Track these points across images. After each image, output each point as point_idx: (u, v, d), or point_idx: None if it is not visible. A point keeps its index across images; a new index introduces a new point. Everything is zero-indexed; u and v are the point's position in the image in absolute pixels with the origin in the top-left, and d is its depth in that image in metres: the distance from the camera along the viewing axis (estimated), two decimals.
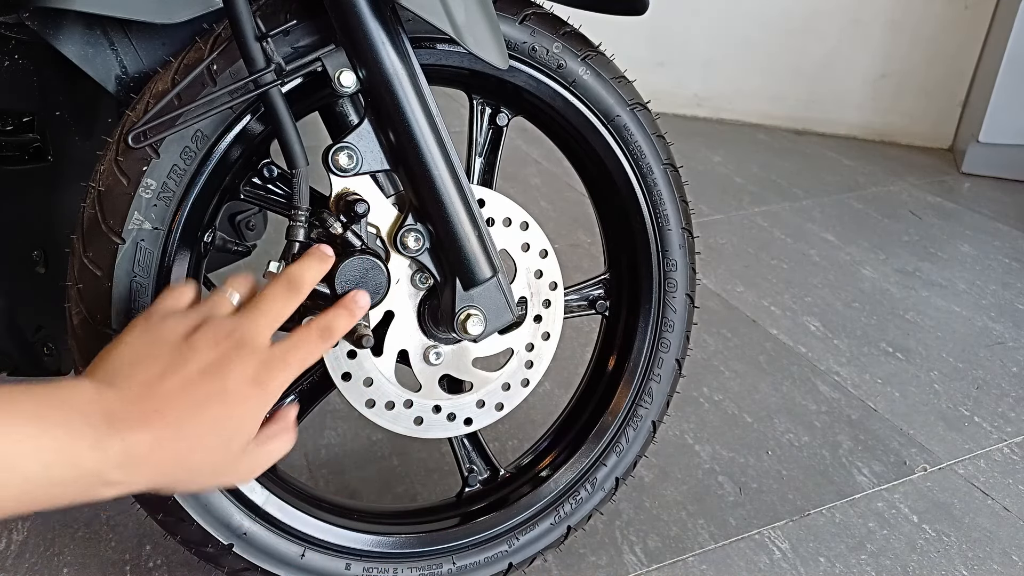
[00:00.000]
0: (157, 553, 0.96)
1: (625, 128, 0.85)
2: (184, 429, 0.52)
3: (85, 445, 0.47)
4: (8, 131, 0.84)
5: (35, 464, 0.45)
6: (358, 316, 0.63)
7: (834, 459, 1.20)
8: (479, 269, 0.73)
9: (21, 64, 0.80)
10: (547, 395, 1.28)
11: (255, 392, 0.54)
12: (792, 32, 2.58)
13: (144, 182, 0.68)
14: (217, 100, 0.67)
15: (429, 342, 0.78)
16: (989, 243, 1.96)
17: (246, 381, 0.54)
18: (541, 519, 0.89)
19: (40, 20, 0.70)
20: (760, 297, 1.65)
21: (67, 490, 0.48)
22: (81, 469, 0.47)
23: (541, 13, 0.80)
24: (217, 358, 0.54)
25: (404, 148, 0.69)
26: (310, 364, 0.59)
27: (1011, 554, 1.05)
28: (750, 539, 1.05)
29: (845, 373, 1.41)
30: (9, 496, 0.45)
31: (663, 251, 0.90)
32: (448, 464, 1.13)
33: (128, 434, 0.49)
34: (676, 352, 0.93)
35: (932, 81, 2.55)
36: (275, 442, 0.58)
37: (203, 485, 0.56)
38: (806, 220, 2.03)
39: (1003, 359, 1.48)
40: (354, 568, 0.81)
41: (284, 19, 0.68)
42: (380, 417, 0.79)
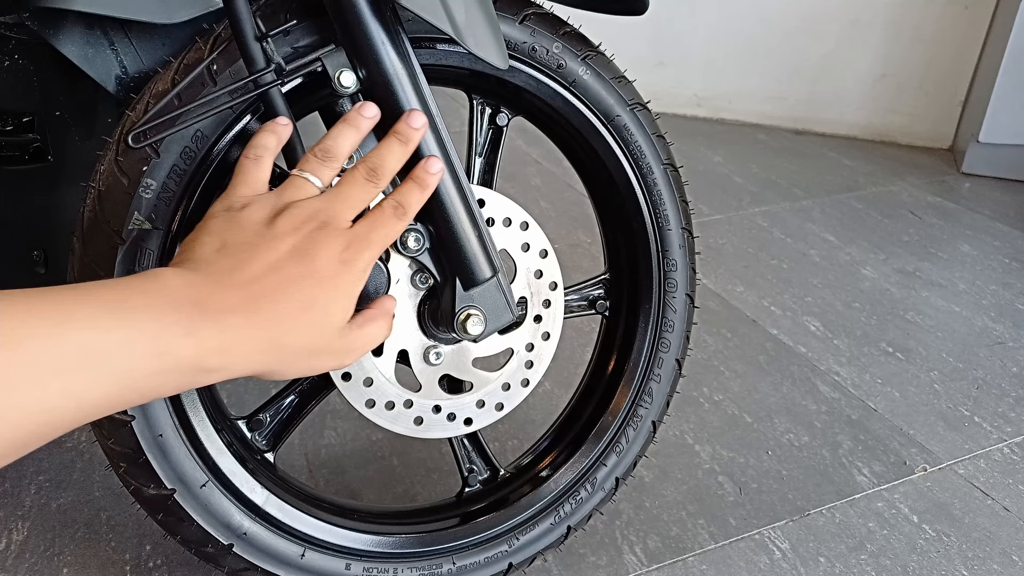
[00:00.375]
0: (157, 553, 0.96)
1: (625, 128, 0.85)
2: (277, 310, 0.52)
3: (178, 332, 0.46)
4: (8, 131, 0.84)
5: (127, 355, 0.44)
6: (430, 188, 0.62)
7: (834, 459, 1.20)
8: (479, 269, 0.73)
9: (21, 64, 0.81)
10: (547, 395, 1.28)
11: (344, 270, 0.55)
12: (792, 32, 2.58)
13: (144, 182, 0.68)
14: (217, 100, 0.67)
15: (429, 342, 0.78)
16: (989, 243, 1.96)
17: (334, 260, 0.54)
18: (541, 519, 0.89)
19: (40, 20, 0.70)
20: (760, 297, 1.65)
21: (167, 379, 0.47)
22: (176, 357, 0.46)
23: (541, 13, 0.80)
24: (303, 239, 0.54)
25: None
26: (391, 241, 0.59)
27: (1011, 554, 1.05)
28: (750, 539, 1.05)
29: (845, 373, 1.41)
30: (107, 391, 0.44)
31: (663, 251, 0.90)
32: (448, 464, 1.13)
33: (221, 318, 0.49)
34: (676, 352, 0.93)
35: (932, 81, 2.55)
36: (372, 325, 0.59)
37: (302, 368, 0.55)
38: (806, 220, 2.03)
39: (1003, 359, 1.48)
40: (354, 568, 0.81)
41: (284, 19, 0.68)
42: (380, 417, 0.79)
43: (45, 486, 1.04)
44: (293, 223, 0.54)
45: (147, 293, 0.47)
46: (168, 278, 0.49)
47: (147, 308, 0.46)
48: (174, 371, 0.47)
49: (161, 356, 0.46)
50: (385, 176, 0.60)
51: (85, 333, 0.43)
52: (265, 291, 0.52)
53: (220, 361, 0.49)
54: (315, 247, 0.54)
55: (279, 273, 0.52)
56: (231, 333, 0.49)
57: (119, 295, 0.46)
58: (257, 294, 0.51)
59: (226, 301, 0.50)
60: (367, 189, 0.59)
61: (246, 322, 0.50)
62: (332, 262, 0.54)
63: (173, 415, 0.73)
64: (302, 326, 0.53)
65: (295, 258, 0.53)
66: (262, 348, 0.51)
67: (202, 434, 0.75)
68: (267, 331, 0.51)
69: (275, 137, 0.61)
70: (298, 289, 0.53)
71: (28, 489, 1.04)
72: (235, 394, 1.24)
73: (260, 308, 0.51)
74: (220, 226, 0.55)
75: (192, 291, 0.49)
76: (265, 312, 0.51)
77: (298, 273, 0.53)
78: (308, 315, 0.53)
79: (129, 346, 0.44)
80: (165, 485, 0.74)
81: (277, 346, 0.52)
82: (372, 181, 0.59)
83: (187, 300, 0.48)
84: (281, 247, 0.53)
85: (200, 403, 0.75)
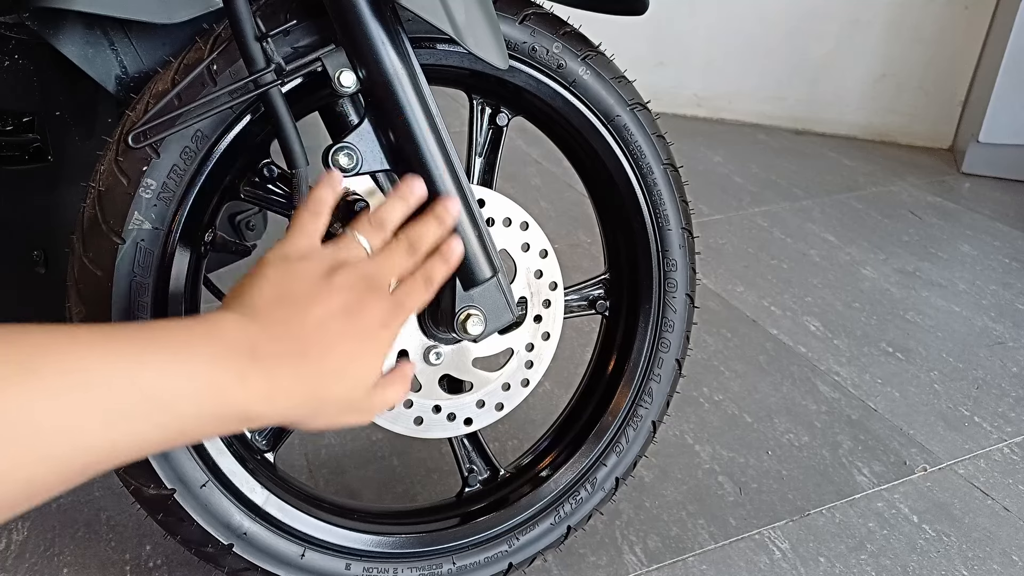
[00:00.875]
0: (157, 553, 0.96)
1: (625, 128, 0.85)
2: (323, 363, 0.54)
3: (231, 378, 0.48)
4: (8, 131, 0.84)
5: (190, 401, 0.46)
6: (454, 264, 0.65)
7: (834, 459, 1.20)
8: (479, 269, 0.73)
9: (21, 64, 0.81)
10: (547, 395, 1.28)
11: (383, 334, 0.58)
12: (792, 32, 2.58)
13: (144, 182, 0.68)
14: (217, 100, 0.67)
15: (429, 342, 0.78)
16: (989, 243, 1.96)
17: (377, 323, 0.57)
18: (541, 519, 0.89)
19: (40, 20, 0.70)
20: (760, 297, 1.65)
21: (216, 424, 0.49)
22: (226, 402, 0.48)
23: (541, 13, 0.80)
24: (355, 297, 0.56)
25: (404, 148, 0.69)
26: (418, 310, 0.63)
27: (1011, 554, 1.05)
28: (750, 539, 1.05)
29: (845, 373, 1.41)
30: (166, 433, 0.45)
31: (663, 251, 0.90)
32: (448, 464, 1.13)
33: (271, 368, 0.51)
34: (676, 352, 0.93)
35: (932, 81, 2.55)
36: (392, 389, 0.61)
37: (330, 420, 0.57)
38: (806, 220, 2.03)
39: (1003, 359, 1.48)
40: (354, 568, 0.81)
41: (284, 19, 0.68)
42: (380, 417, 0.79)
43: None
44: (348, 281, 0.57)
45: (210, 339, 0.49)
46: (228, 325, 0.51)
47: (210, 355, 0.48)
48: (223, 417, 0.49)
49: (216, 403, 0.48)
50: (423, 250, 0.63)
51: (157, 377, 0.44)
52: (316, 344, 0.54)
53: (263, 409, 0.51)
54: (365, 306, 0.57)
55: (331, 327, 0.55)
56: (278, 383, 0.51)
57: (184, 341, 0.48)
58: (308, 346, 0.53)
59: (279, 351, 0.52)
60: (407, 259, 0.62)
61: (293, 373, 0.52)
62: (376, 324, 0.57)
63: None
64: (340, 381, 0.55)
65: (346, 314, 0.56)
66: (302, 399, 0.53)
67: None
68: (310, 383, 0.53)
69: (333, 193, 0.63)
70: (343, 346, 0.55)
71: None
72: None
73: (308, 360, 0.53)
74: (277, 275, 0.56)
75: (248, 338, 0.51)
76: (312, 364, 0.53)
77: (346, 331, 0.55)
78: (347, 370, 0.56)
79: (193, 392, 0.46)
80: (165, 485, 0.73)
81: (315, 398, 0.54)
82: (412, 254, 0.63)
83: (244, 348, 0.50)
84: (335, 302, 0.55)
85: None
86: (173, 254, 0.71)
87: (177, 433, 0.46)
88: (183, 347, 0.47)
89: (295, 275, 0.56)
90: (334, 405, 0.56)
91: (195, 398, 0.46)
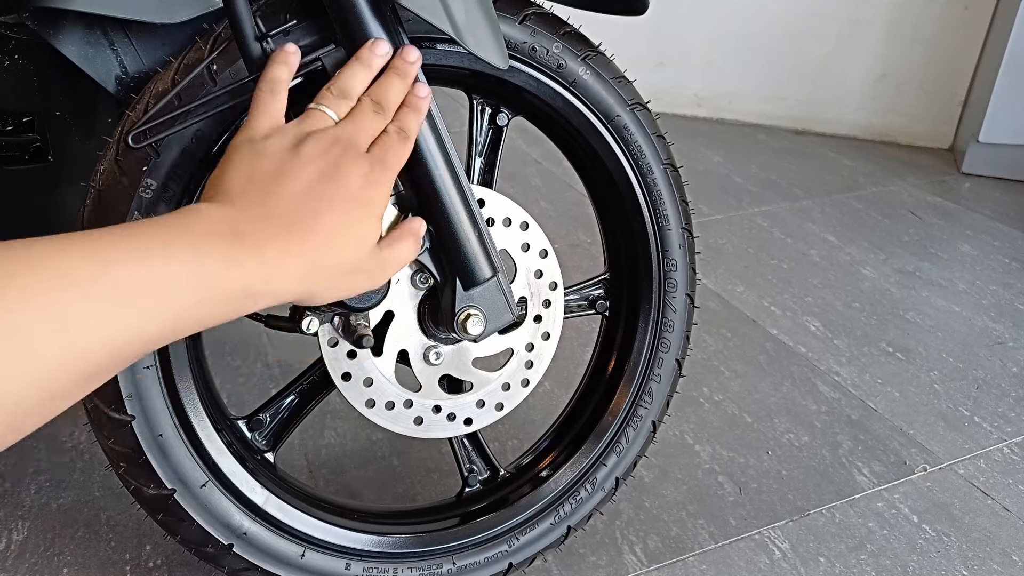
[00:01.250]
0: (157, 553, 0.96)
1: (625, 128, 0.85)
2: (314, 232, 0.54)
3: (220, 265, 0.48)
4: (8, 131, 0.84)
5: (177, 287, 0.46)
6: (423, 110, 0.65)
7: (834, 459, 1.20)
8: (479, 269, 0.73)
9: (21, 64, 0.80)
10: (547, 395, 1.28)
11: (370, 190, 0.57)
12: (792, 32, 2.58)
13: (144, 182, 0.68)
14: (217, 100, 0.67)
15: (429, 342, 0.78)
16: (989, 243, 1.96)
17: (360, 181, 0.57)
18: (541, 519, 0.89)
19: (40, 20, 0.70)
20: (760, 297, 1.65)
21: (218, 307, 0.49)
22: (222, 287, 0.48)
23: (541, 13, 0.80)
24: (329, 164, 0.56)
25: None
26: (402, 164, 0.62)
27: (1011, 554, 1.05)
28: (750, 539, 1.05)
29: (845, 373, 1.41)
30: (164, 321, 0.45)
31: (663, 251, 0.90)
32: (448, 464, 1.13)
33: (260, 249, 0.51)
34: (676, 352, 0.93)
35: (932, 81, 2.55)
36: (400, 244, 0.62)
37: (340, 288, 0.57)
38: (806, 220, 2.03)
39: (1003, 359, 1.48)
40: (354, 568, 0.81)
41: (284, 19, 0.68)
42: (380, 417, 0.79)
43: (45, 486, 1.04)
44: (317, 149, 0.56)
45: (188, 228, 0.49)
46: (205, 212, 0.51)
47: (189, 243, 0.48)
48: (222, 299, 0.49)
49: (208, 287, 0.47)
50: (390, 108, 0.63)
51: (137, 268, 0.44)
52: (299, 215, 0.53)
53: (264, 287, 0.51)
54: (341, 169, 0.56)
55: (311, 196, 0.54)
56: (271, 260, 0.51)
57: (162, 231, 0.48)
58: (292, 219, 0.53)
59: (263, 229, 0.52)
60: (376, 119, 0.61)
61: (284, 249, 0.52)
62: (359, 182, 0.57)
63: (173, 415, 0.73)
64: (337, 245, 0.55)
65: (324, 181, 0.55)
66: (302, 271, 0.53)
67: (202, 434, 0.75)
68: (305, 254, 0.53)
69: (287, 68, 0.63)
70: (330, 209, 0.55)
71: (28, 489, 1.04)
72: (235, 394, 1.24)
73: (296, 232, 0.53)
74: (245, 157, 0.56)
75: (229, 223, 0.51)
76: (302, 235, 0.53)
77: (329, 194, 0.55)
78: (342, 233, 0.55)
79: (177, 279, 0.46)
80: (165, 485, 0.74)
81: (316, 267, 0.54)
82: (380, 113, 0.62)
83: (226, 232, 0.50)
84: (309, 171, 0.55)
85: (200, 403, 0.75)
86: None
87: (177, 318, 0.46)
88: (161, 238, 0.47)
89: (263, 153, 0.56)
90: (338, 272, 0.56)
91: (183, 284, 0.46)
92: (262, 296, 0.51)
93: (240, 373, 1.29)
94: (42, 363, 0.40)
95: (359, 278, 0.58)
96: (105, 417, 0.72)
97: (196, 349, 0.78)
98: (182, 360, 0.74)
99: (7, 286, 0.39)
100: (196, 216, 0.50)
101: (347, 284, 0.58)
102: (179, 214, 0.50)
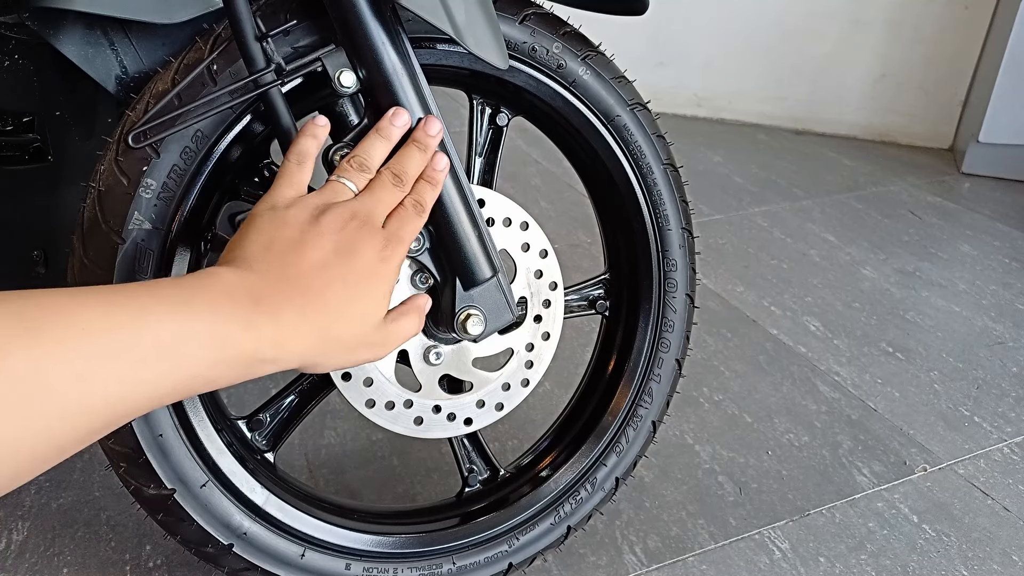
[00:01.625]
0: (157, 553, 0.96)
1: (625, 128, 0.85)
2: (327, 303, 0.55)
3: (236, 326, 0.50)
4: (8, 131, 0.84)
5: (195, 347, 0.47)
6: (440, 184, 0.67)
7: (834, 459, 1.20)
8: (479, 269, 0.73)
9: (21, 64, 0.81)
10: (547, 395, 1.28)
11: (383, 267, 0.59)
12: (792, 32, 2.58)
13: (144, 182, 0.68)
14: (217, 100, 0.67)
15: (429, 342, 0.78)
16: (989, 243, 1.96)
17: (375, 257, 0.59)
18: (541, 519, 0.89)
19: (40, 20, 0.70)
20: (760, 297, 1.65)
21: (228, 370, 0.50)
22: (237, 349, 0.50)
23: (541, 13, 0.80)
24: (346, 238, 0.58)
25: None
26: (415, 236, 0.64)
27: (1011, 554, 1.05)
28: (750, 539, 1.05)
29: (845, 373, 1.41)
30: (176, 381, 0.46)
31: (663, 251, 0.90)
32: (448, 464, 1.13)
33: (276, 313, 0.52)
34: (676, 352, 0.93)
35: (932, 81, 2.55)
36: (405, 320, 0.63)
37: (343, 360, 0.59)
38: (806, 220, 2.03)
39: (1003, 359, 1.48)
40: (354, 568, 0.81)
41: (284, 19, 0.68)
42: (380, 417, 0.79)
43: (45, 486, 1.04)
44: (336, 223, 0.58)
45: (208, 289, 0.50)
46: (225, 275, 0.53)
47: (210, 304, 0.49)
48: (234, 362, 0.50)
49: (223, 348, 0.49)
50: (409, 180, 0.64)
51: (160, 326, 0.46)
52: (314, 286, 0.55)
53: (275, 353, 0.52)
54: (358, 245, 0.58)
55: (328, 268, 0.56)
56: (286, 326, 0.53)
57: (183, 292, 0.49)
58: (307, 289, 0.55)
59: (280, 296, 0.53)
60: (395, 192, 0.63)
61: (299, 315, 0.54)
62: (373, 259, 0.58)
63: (173, 415, 0.73)
64: (347, 318, 0.57)
65: (340, 255, 0.57)
66: (312, 339, 0.55)
67: (202, 434, 0.75)
68: (317, 324, 0.55)
69: (315, 142, 0.64)
70: (344, 284, 0.57)
71: (28, 489, 1.04)
72: (235, 394, 1.24)
73: (310, 302, 0.55)
74: (267, 225, 0.57)
75: (248, 287, 0.52)
76: (315, 305, 0.55)
77: (344, 268, 0.57)
78: (352, 307, 0.57)
79: (197, 339, 0.47)
80: (165, 485, 0.74)
81: (325, 338, 0.56)
82: (398, 186, 0.63)
83: (244, 296, 0.52)
84: (327, 244, 0.57)
85: (200, 403, 0.75)
86: (173, 254, 0.71)
87: (190, 378, 0.47)
88: (183, 298, 0.48)
89: (284, 222, 0.57)
90: (345, 344, 0.57)
91: (200, 345, 0.47)
92: (271, 362, 0.52)
93: None
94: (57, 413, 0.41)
95: (362, 352, 0.60)
96: None
97: None
98: None
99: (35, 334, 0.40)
100: (215, 278, 0.52)
101: (351, 357, 0.59)
102: (198, 275, 0.52)
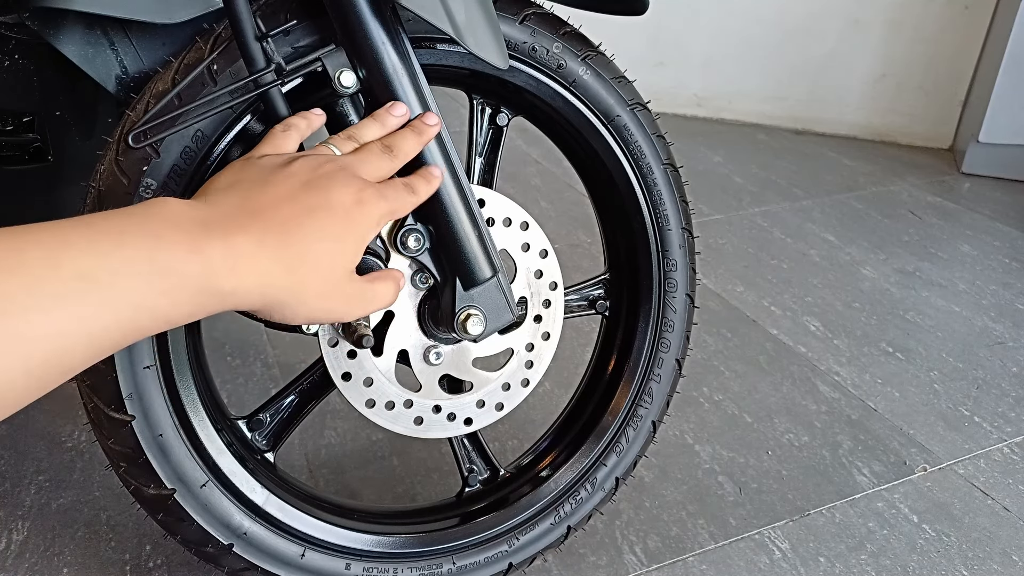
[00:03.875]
0: (157, 553, 0.96)
1: (625, 128, 0.85)
2: (289, 235, 0.51)
3: (179, 251, 0.45)
4: (8, 131, 0.84)
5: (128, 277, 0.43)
6: (437, 183, 0.66)
7: (834, 459, 1.20)
8: (479, 269, 0.73)
9: (21, 64, 0.81)
10: (547, 395, 1.28)
11: (358, 211, 0.54)
12: (792, 32, 2.58)
13: (144, 182, 0.68)
14: (217, 100, 0.67)
15: (429, 342, 0.78)
16: (989, 243, 1.96)
17: (349, 197, 0.54)
18: (541, 519, 0.89)
19: (40, 20, 0.70)
20: (760, 297, 1.65)
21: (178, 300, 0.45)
22: (182, 276, 0.45)
23: (541, 13, 0.80)
24: (320, 175, 0.54)
25: None
26: (401, 213, 0.61)
27: (1011, 554, 1.05)
28: (750, 539, 1.05)
29: (845, 373, 1.41)
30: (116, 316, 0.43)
31: (663, 251, 0.90)
32: (448, 464, 1.13)
33: (229, 237, 0.48)
34: (676, 352, 0.93)
35: (932, 81, 2.55)
36: (381, 284, 0.59)
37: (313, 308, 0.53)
38: (806, 220, 2.03)
39: (1003, 359, 1.48)
40: (354, 568, 0.81)
41: (284, 19, 0.68)
42: (380, 417, 0.79)
43: (45, 486, 1.04)
44: (309, 163, 0.55)
45: (148, 217, 0.46)
46: (171, 204, 0.48)
47: (147, 231, 0.45)
48: (183, 291, 0.46)
49: (165, 275, 0.45)
50: (400, 155, 0.62)
51: (82, 258, 0.42)
52: (275, 217, 0.51)
53: (231, 283, 0.48)
54: (330, 182, 0.54)
55: (292, 202, 0.52)
56: (241, 255, 0.48)
57: (118, 221, 0.45)
58: (268, 219, 0.50)
59: (234, 223, 0.49)
60: (383, 159, 0.60)
61: (256, 244, 0.49)
62: (347, 199, 0.54)
63: (173, 415, 0.73)
64: (314, 257, 0.52)
65: (309, 190, 0.53)
66: (276, 274, 0.50)
67: (202, 434, 0.75)
68: (278, 257, 0.50)
69: (306, 122, 0.63)
70: (311, 218, 0.52)
71: (28, 489, 1.04)
72: (235, 394, 1.24)
73: (270, 230, 0.50)
74: (234, 168, 0.55)
75: (197, 215, 0.48)
76: (275, 234, 0.50)
77: (312, 203, 0.52)
78: (320, 245, 0.52)
79: (128, 267, 0.43)
80: (165, 485, 0.74)
81: (289, 274, 0.51)
82: (387, 155, 0.61)
83: (191, 223, 0.47)
84: (295, 182, 0.53)
85: (200, 403, 0.75)
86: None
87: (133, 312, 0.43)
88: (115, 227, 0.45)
89: (253, 165, 0.55)
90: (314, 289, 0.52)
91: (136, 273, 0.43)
92: (230, 293, 0.48)
93: (240, 373, 1.29)
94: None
95: (335, 302, 0.55)
96: (105, 417, 0.72)
97: (196, 349, 0.78)
98: (182, 360, 0.74)
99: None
100: (160, 206, 0.48)
101: (323, 306, 0.54)
102: (144, 205, 0.48)
